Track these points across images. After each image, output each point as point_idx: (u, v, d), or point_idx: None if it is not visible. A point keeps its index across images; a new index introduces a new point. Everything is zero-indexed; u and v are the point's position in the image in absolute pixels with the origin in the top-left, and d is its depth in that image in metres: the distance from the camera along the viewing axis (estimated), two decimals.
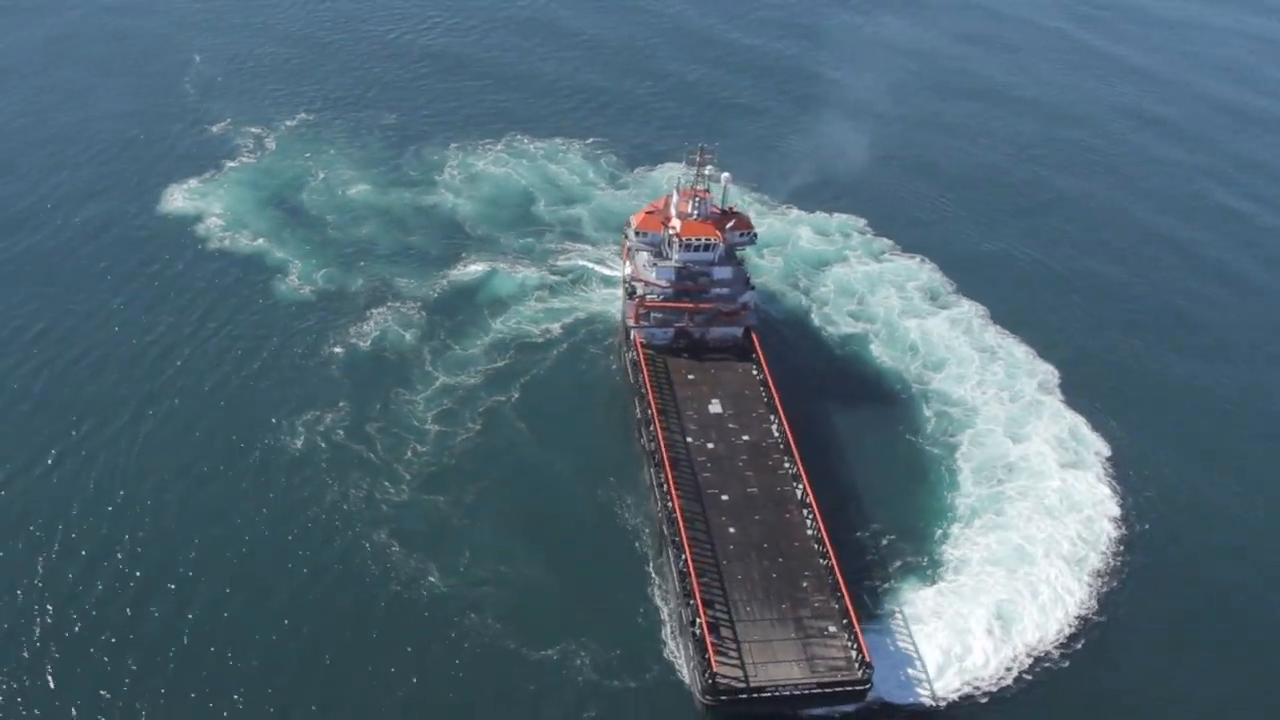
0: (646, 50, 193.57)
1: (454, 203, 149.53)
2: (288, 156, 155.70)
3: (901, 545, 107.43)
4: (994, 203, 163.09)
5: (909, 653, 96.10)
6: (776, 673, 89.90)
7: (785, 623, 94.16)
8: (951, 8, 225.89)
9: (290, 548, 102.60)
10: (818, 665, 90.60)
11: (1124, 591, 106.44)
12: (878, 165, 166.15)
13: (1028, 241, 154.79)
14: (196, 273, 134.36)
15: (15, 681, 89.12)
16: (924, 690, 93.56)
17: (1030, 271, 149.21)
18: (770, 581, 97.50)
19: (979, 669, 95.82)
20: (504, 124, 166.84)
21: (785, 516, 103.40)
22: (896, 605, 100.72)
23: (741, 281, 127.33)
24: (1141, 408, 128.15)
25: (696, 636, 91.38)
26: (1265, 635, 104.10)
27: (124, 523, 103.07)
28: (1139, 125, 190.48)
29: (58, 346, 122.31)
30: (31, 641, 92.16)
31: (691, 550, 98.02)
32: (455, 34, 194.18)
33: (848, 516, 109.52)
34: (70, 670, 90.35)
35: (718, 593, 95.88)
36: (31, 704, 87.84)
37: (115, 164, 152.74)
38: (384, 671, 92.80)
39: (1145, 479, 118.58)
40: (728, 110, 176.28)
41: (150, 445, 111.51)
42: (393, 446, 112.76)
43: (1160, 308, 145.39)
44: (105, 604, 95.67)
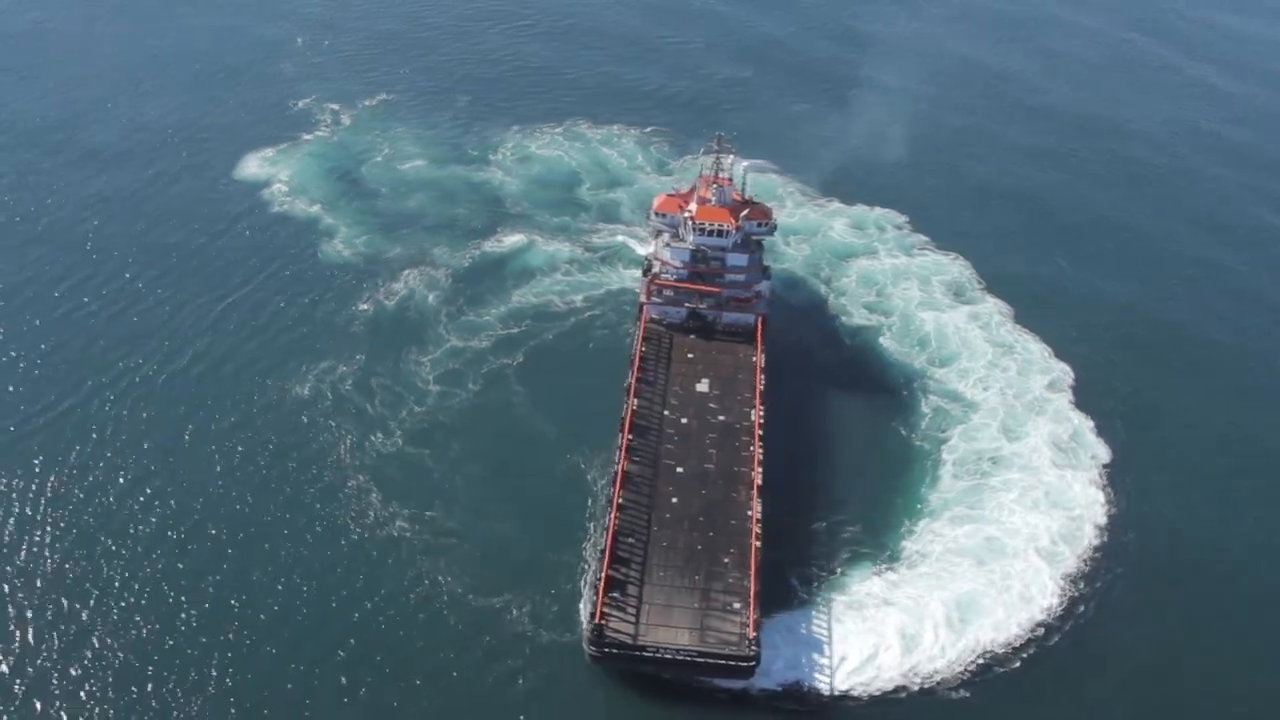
0: (719, 47, 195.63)
1: (502, 180, 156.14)
2: (359, 132, 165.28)
3: (861, 535, 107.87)
4: (1041, 212, 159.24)
5: (821, 639, 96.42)
6: (664, 636, 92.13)
7: (693, 592, 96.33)
8: (1029, 21, 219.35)
9: (274, 481, 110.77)
10: (708, 636, 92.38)
11: (1093, 598, 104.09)
12: (927, 165, 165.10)
13: (1069, 251, 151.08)
14: (254, 231, 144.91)
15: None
16: (823, 677, 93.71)
17: (1065, 279, 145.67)
18: (693, 552, 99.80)
19: (893, 663, 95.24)
20: (568, 111, 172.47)
21: (732, 495, 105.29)
22: (832, 593, 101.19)
23: (757, 270, 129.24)
24: (1154, 422, 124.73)
25: (595, 588, 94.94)
26: (1223, 666, 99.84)
27: (142, 436, 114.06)
28: (1199, 144, 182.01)
29: (122, 285, 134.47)
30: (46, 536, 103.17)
31: (618, 510, 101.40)
32: (547, 32, 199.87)
33: (814, 504, 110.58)
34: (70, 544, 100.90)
35: (638, 554, 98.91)
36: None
37: (205, 129, 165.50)
38: (332, 600, 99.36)
39: (1142, 492, 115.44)
40: (785, 105, 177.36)
41: (179, 378, 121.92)
42: (392, 402, 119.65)
43: (1194, 332, 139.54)
44: (103, 489, 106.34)
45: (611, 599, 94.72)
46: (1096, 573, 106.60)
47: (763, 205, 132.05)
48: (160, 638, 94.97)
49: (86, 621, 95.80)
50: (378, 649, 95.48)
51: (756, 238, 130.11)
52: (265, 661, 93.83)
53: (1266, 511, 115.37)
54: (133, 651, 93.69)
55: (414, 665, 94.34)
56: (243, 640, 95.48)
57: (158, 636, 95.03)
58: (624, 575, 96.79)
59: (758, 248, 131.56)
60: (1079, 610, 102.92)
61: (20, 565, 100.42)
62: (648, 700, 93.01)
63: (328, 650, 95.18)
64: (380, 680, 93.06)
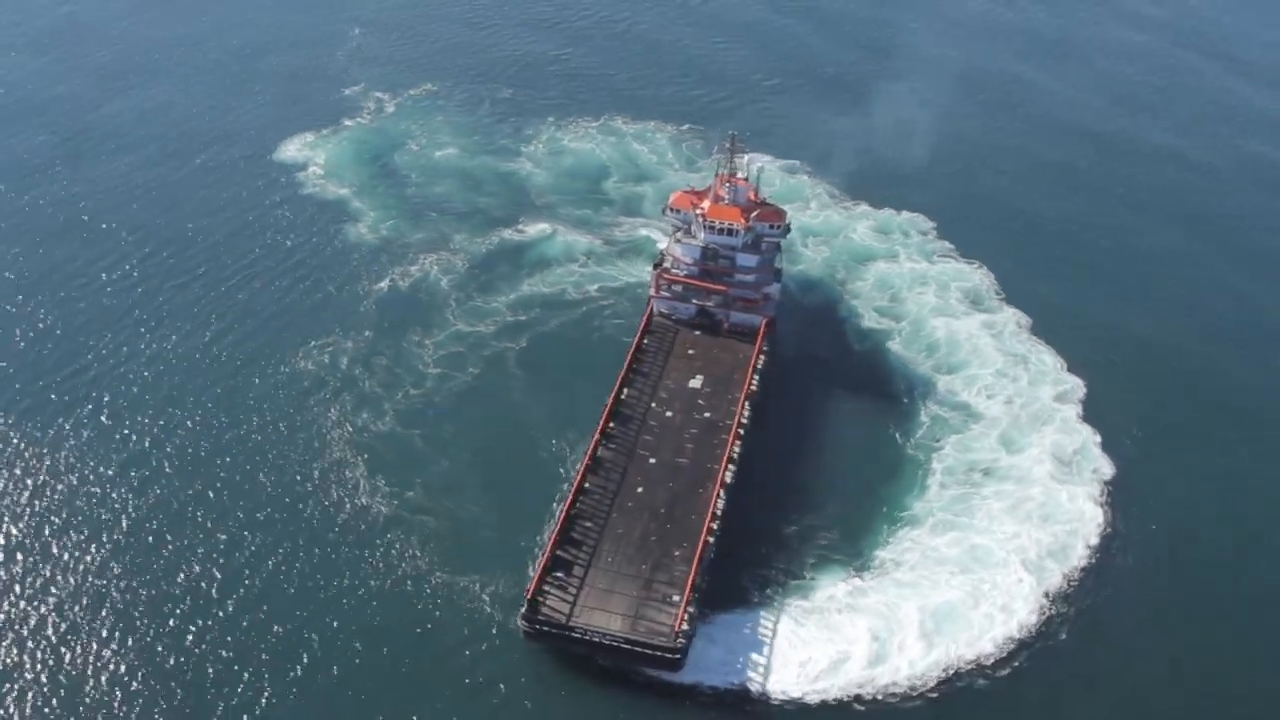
0: (763, 54, 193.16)
1: (530, 171, 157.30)
2: (400, 120, 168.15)
3: (836, 540, 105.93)
4: (1073, 230, 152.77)
5: (764, 641, 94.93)
6: (598, 620, 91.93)
7: (636, 580, 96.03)
8: (1075, 39, 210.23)
9: (263, 447, 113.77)
10: (639, 625, 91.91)
11: (1076, 619, 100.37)
12: (961, 175, 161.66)
13: (1098, 272, 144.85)
14: (284, 211, 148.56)
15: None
16: (757, 679, 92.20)
17: (1090, 299, 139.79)
18: (646, 542, 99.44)
19: (849, 671, 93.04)
20: (607, 107, 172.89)
21: (698, 490, 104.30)
22: (793, 597, 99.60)
23: (768, 271, 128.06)
24: (1166, 443, 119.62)
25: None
26: (1198, 712, 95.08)
27: (151, 399, 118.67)
28: (1244, 172, 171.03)
29: (152, 258, 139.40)
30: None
31: (582, 493, 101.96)
32: (598, 36, 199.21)
33: (791, 505, 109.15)
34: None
35: (591, 538, 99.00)
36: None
37: (253, 111, 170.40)
38: (296, 564, 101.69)
39: (1144, 513, 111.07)
40: (822, 110, 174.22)
41: (196, 342, 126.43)
42: (390, 381, 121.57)
43: (1220, 364, 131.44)
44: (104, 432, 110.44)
45: (554, 578, 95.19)
46: (1082, 592, 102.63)
47: (776, 207, 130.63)
48: (109, 577, 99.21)
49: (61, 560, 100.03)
50: (333, 614, 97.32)
51: (769, 239, 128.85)
52: (214, 616, 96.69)
53: (1274, 557, 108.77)
54: (85, 590, 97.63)
55: (363, 633, 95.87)
56: (192, 594, 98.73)
57: (108, 574, 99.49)
58: (572, 556, 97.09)
59: (775, 249, 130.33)
60: (1057, 630, 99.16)
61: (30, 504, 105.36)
62: (578, 683, 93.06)
63: (283, 611, 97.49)
64: (326, 644, 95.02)
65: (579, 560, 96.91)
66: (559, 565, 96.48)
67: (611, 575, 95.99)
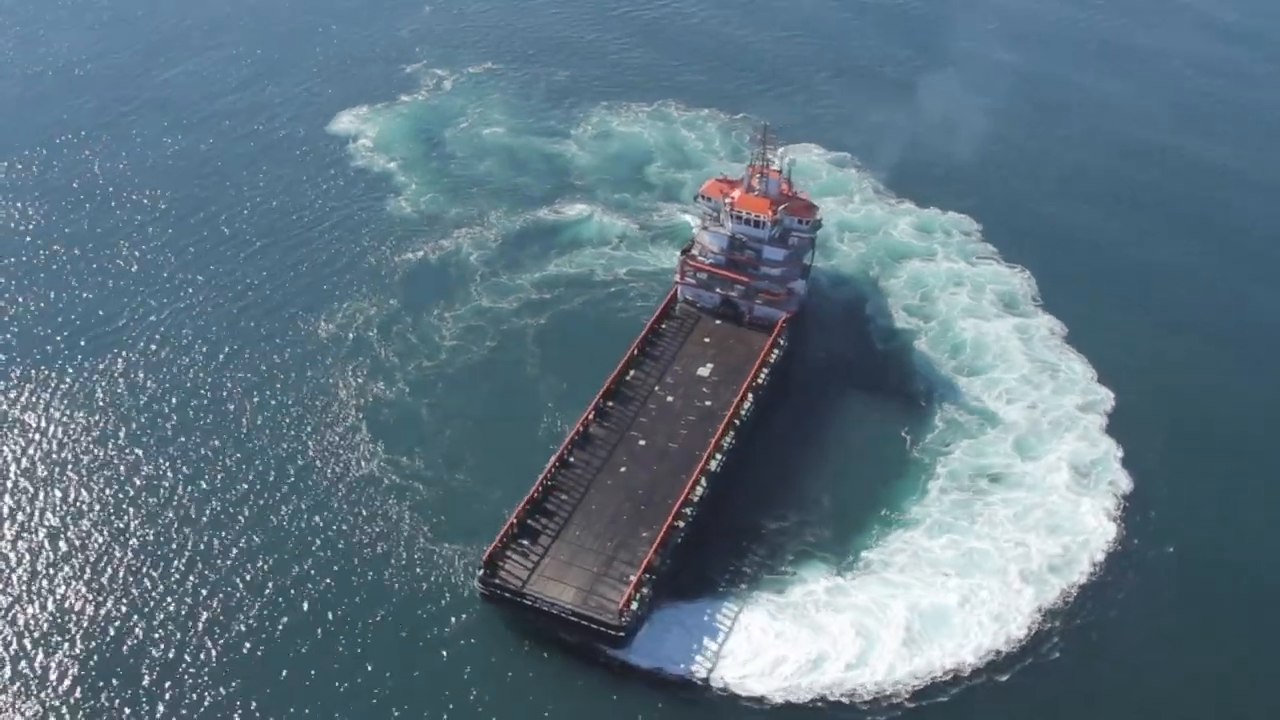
0: (828, 50, 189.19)
1: (575, 153, 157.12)
2: (454, 98, 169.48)
3: (821, 537, 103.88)
4: (1126, 246, 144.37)
5: (720, 631, 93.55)
6: (550, 589, 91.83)
7: (598, 556, 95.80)
8: (1151, 50, 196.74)
9: (276, 404, 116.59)
10: (590, 599, 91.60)
11: (1069, 635, 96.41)
12: (1014, 179, 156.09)
13: (1152, 294, 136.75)
14: (329, 181, 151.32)
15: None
16: (702, 667, 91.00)
17: (1136, 316, 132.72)
18: (617, 521, 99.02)
19: (791, 666, 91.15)
20: (663, 90, 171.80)
21: (681, 476, 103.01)
22: (769, 590, 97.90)
23: (795, 266, 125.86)
24: (1193, 463, 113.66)
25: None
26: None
27: (184, 342, 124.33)
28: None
29: (202, 214, 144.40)
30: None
31: (555, 465, 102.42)
32: (665, 25, 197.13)
33: (783, 500, 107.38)
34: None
35: (564, 510, 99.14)
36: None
37: (313, 83, 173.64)
38: (287, 518, 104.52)
39: (1159, 532, 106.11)
40: (881, 107, 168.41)
41: (229, 300, 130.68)
42: (405, 351, 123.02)
43: (1267, 397, 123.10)
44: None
45: (519, 545, 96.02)
46: (1083, 608, 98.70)
47: (807, 201, 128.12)
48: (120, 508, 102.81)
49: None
50: (310, 564, 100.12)
51: (797, 234, 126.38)
52: (202, 553, 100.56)
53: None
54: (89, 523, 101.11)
55: (335, 585, 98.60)
56: (180, 537, 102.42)
57: (117, 503, 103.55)
58: (541, 526, 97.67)
59: (806, 246, 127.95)
60: (1052, 644, 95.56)
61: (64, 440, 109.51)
62: (530, 651, 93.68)
63: (268, 566, 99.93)
64: (300, 596, 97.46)
65: (547, 530, 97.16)
66: (526, 533, 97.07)
67: (575, 549, 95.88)
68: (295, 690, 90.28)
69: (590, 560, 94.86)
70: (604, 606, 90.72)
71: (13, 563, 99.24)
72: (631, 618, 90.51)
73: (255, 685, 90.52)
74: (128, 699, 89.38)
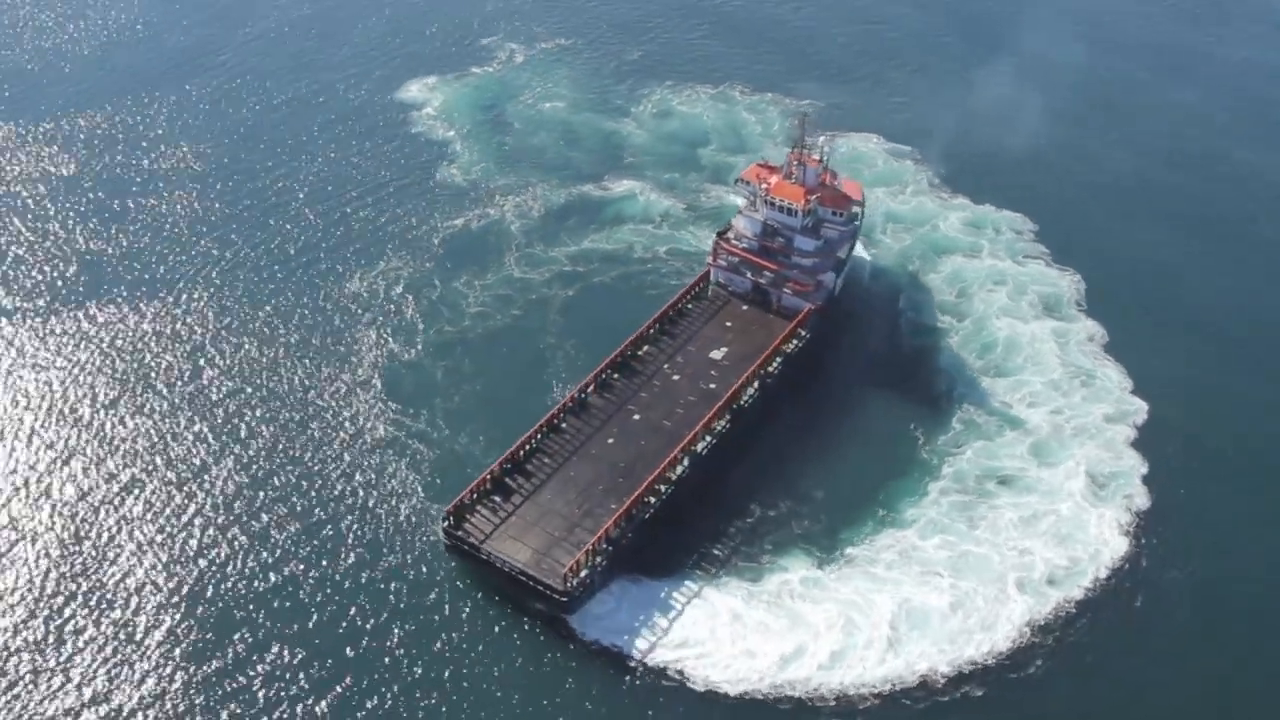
0: (913, 34, 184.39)
1: (630, 131, 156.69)
2: (524, 71, 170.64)
3: (806, 529, 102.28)
4: (1194, 262, 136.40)
5: (675, 609, 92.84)
6: (508, 547, 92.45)
7: (563, 521, 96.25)
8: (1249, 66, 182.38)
9: (299, 355, 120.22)
10: (543, 561, 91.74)
11: (1057, 655, 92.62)
12: (1082, 182, 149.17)
13: (1206, 314, 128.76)
14: (388, 146, 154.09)
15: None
16: (644, 643, 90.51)
17: (1185, 332, 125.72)
18: (591, 490, 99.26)
19: (727, 650, 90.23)
20: (731, 74, 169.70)
21: (665, 452, 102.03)
22: (730, 575, 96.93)
23: (827, 259, 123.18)
24: (1221, 488, 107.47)
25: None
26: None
27: (223, 290, 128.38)
28: None
29: (259, 169, 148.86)
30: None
31: (540, 428, 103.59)
32: (757, 3, 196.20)
33: (771, 489, 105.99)
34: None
35: (542, 473, 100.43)
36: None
37: (388, 50, 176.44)
38: (291, 463, 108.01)
39: (1173, 555, 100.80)
40: (954, 100, 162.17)
41: (273, 253, 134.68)
42: (430, 313, 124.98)
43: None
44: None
45: (491, 501, 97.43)
46: (1081, 625, 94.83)
47: (843, 193, 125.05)
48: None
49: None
50: (303, 506, 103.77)
51: (832, 226, 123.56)
52: (206, 489, 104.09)
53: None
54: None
55: (319, 531, 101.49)
56: (178, 468, 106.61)
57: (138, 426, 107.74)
58: (516, 485, 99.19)
59: (846, 239, 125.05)
60: (1033, 662, 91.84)
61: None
62: (493, 607, 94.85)
63: (254, 505, 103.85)
64: (280, 535, 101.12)
65: (520, 490, 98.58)
66: (500, 490, 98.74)
67: (543, 511, 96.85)
68: (255, 620, 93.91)
69: (555, 524, 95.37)
70: (553, 570, 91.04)
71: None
72: (579, 584, 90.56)
73: (219, 611, 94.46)
74: (91, 621, 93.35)
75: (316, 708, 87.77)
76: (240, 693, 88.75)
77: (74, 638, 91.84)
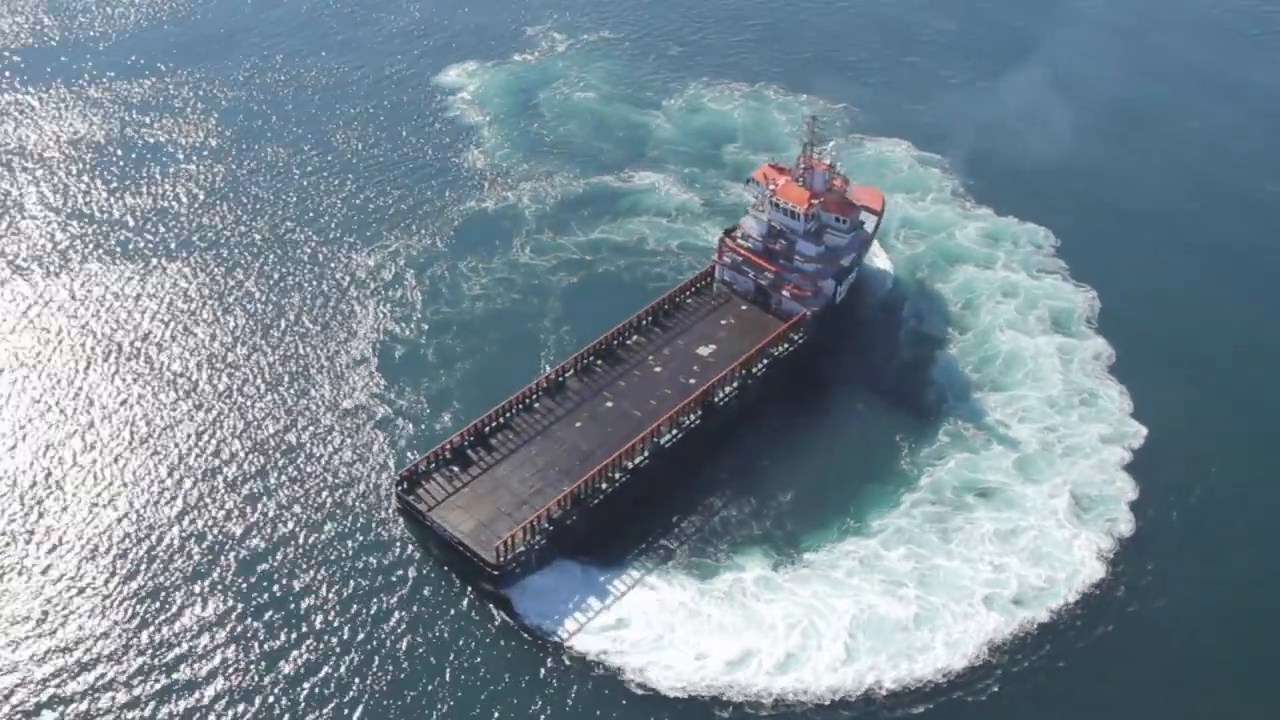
0: (969, 51, 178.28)
1: (658, 125, 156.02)
2: (562, 61, 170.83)
3: (768, 529, 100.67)
4: (1224, 299, 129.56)
5: (612, 596, 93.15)
6: (453, 516, 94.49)
7: (513, 497, 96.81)
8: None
9: (295, 321, 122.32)
10: (482, 533, 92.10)
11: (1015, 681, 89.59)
12: (1114, 201, 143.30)
13: (1225, 345, 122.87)
14: (419, 127, 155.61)
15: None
16: (571, 627, 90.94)
17: (1202, 362, 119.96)
18: (548, 471, 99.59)
19: (661, 643, 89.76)
20: (770, 74, 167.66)
21: (625, 441, 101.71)
22: (678, 570, 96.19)
23: (830, 265, 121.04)
24: (1212, 528, 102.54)
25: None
26: None
27: (235, 254, 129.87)
28: None
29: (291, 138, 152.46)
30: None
31: (514, 405, 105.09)
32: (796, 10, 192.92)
33: (741, 488, 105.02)
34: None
35: (505, 449, 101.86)
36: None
37: (434, 34, 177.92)
38: (265, 426, 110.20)
39: (1153, 589, 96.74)
40: (990, 111, 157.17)
41: (285, 224, 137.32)
42: (431, 292, 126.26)
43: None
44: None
45: (449, 470, 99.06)
46: (1037, 654, 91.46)
47: (849, 201, 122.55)
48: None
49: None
50: (275, 479, 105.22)
51: (834, 232, 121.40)
52: (193, 445, 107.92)
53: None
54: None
55: (288, 490, 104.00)
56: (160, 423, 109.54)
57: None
58: (477, 458, 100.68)
59: (853, 245, 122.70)
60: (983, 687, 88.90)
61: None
62: (432, 574, 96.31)
63: (233, 467, 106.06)
64: (250, 491, 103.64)
65: (480, 463, 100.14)
66: (460, 460, 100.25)
67: (496, 486, 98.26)
68: (203, 569, 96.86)
69: (505, 500, 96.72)
70: (489, 543, 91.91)
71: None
72: (513, 560, 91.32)
73: (167, 559, 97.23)
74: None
75: (245, 656, 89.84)
76: (175, 638, 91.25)
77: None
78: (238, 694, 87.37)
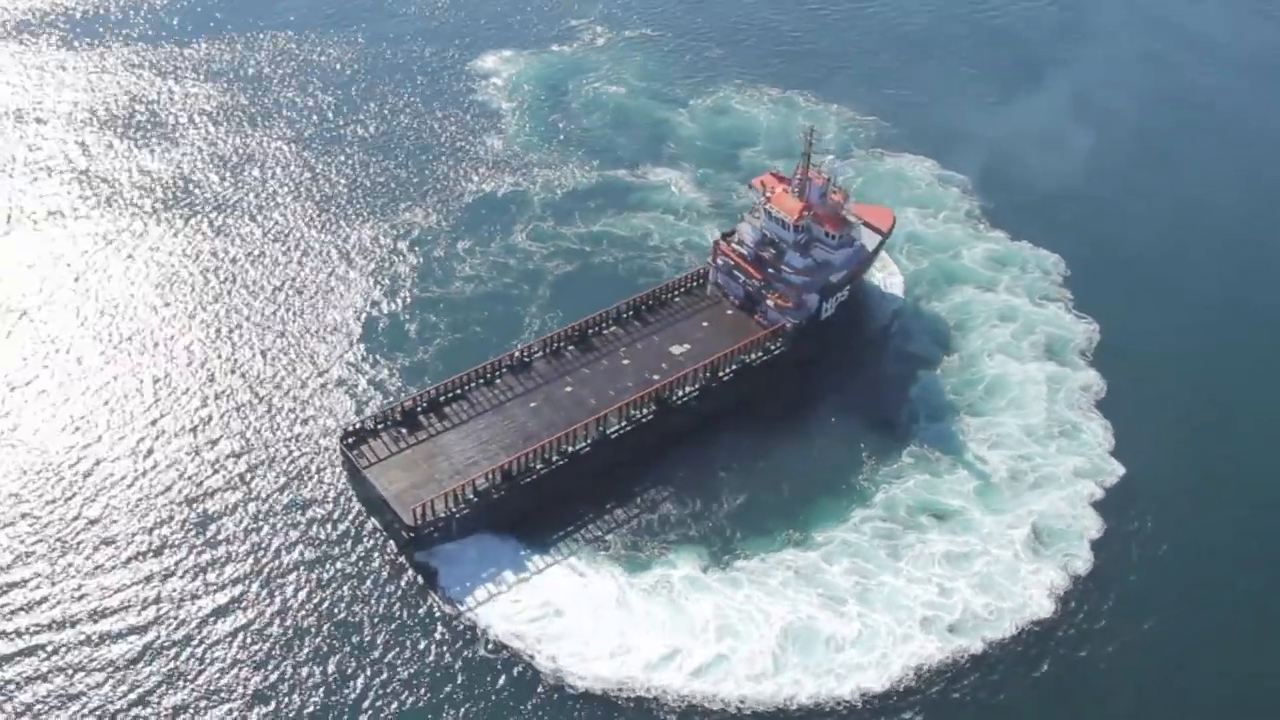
0: (996, 71, 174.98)
1: (680, 123, 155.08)
2: (598, 54, 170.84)
3: (707, 530, 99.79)
4: (1231, 344, 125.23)
5: (529, 573, 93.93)
6: (388, 475, 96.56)
7: (449, 466, 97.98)
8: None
9: (287, 288, 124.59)
10: (407, 495, 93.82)
11: (928, 707, 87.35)
12: (1133, 233, 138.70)
13: (1224, 393, 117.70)
14: (447, 110, 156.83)
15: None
16: (475, 600, 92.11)
17: (1198, 407, 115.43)
18: (490, 446, 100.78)
19: (567, 628, 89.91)
20: (799, 81, 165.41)
21: (575, 431, 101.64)
22: (608, 561, 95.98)
23: (815, 278, 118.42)
24: (1183, 580, 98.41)
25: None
26: None
27: (251, 217, 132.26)
28: None
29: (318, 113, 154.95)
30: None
31: (474, 377, 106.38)
32: (843, 21, 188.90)
33: (689, 489, 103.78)
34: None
35: (456, 419, 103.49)
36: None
37: (478, 20, 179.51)
38: (237, 391, 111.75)
39: (1099, 635, 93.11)
40: (1020, 133, 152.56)
41: (304, 187, 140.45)
42: (424, 270, 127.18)
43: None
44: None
45: (398, 431, 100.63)
46: (964, 683, 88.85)
47: (840, 216, 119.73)
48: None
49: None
50: (244, 415, 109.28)
51: (823, 246, 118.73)
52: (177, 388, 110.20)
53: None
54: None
55: (245, 460, 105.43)
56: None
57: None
58: (427, 423, 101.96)
59: (851, 263, 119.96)
60: (898, 715, 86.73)
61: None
62: (364, 531, 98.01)
63: (204, 428, 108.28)
64: (211, 454, 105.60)
65: (428, 429, 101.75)
66: (409, 423, 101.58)
67: (436, 452, 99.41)
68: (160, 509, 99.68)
69: (441, 468, 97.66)
70: (409, 504, 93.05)
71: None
72: (430, 524, 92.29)
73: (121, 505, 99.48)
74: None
75: (164, 590, 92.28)
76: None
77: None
78: (134, 634, 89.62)
